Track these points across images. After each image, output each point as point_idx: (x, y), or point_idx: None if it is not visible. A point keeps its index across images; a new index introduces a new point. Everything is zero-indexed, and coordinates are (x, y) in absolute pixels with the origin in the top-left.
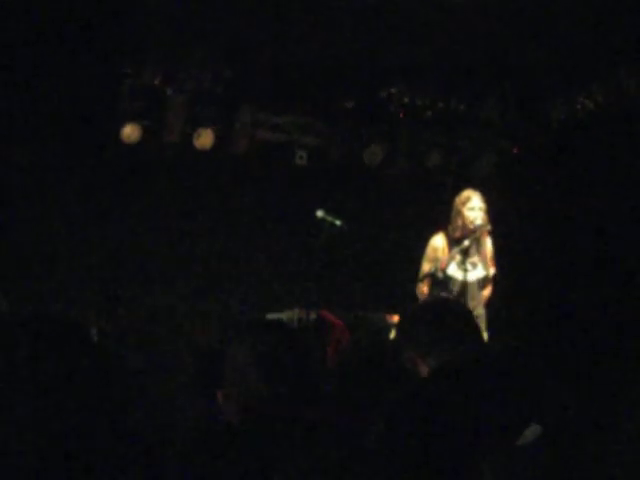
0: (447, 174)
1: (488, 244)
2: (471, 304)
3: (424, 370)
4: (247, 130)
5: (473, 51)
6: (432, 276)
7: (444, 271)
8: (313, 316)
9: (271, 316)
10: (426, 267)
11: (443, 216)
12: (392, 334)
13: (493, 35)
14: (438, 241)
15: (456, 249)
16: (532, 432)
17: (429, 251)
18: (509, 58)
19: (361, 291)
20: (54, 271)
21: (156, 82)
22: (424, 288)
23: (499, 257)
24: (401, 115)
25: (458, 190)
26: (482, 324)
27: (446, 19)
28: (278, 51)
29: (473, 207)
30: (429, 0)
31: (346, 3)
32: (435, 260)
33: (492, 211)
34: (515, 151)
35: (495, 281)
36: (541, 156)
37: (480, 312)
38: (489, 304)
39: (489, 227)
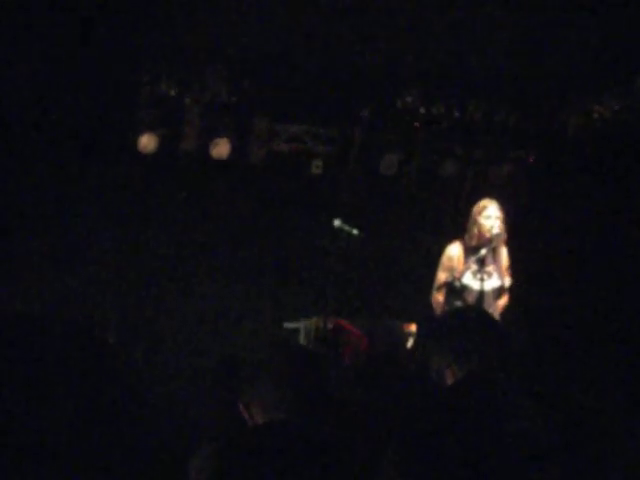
0: (463, 183)
1: (504, 254)
2: None
3: (450, 380)
4: (263, 140)
5: (489, 60)
6: (448, 285)
7: (460, 280)
8: (330, 325)
9: (289, 325)
10: (442, 276)
11: (459, 225)
12: (409, 343)
13: (509, 43)
14: (454, 250)
15: (472, 258)
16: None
17: (445, 260)
18: (525, 67)
19: (377, 300)
20: (70, 276)
21: (173, 92)
22: (440, 297)
23: (515, 267)
24: (417, 124)
25: (473, 199)
26: None
27: (462, 28)
28: (294, 61)
29: (489, 216)
30: (445, 10)
31: (362, 14)
32: (451, 269)
33: (508, 220)
34: (531, 160)
35: (511, 291)
36: (557, 165)
37: None
38: (504, 314)
39: (505, 236)
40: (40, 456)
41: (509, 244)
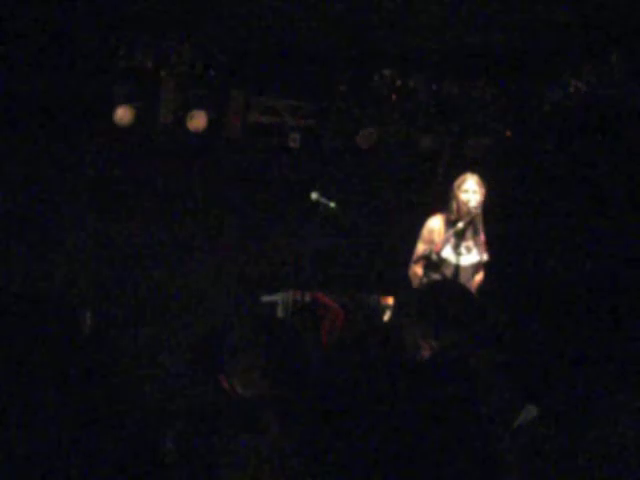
0: (440, 156)
1: (483, 229)
2: None
3: (426, 353)
4: (239, 113)
5: (466, 34)
6: (426, 258)
7: (438, 253)
8: (308, 298)
9: (266, 298)
10: (421, 248)
11: (437, 199)
12: (386, 315)
13: (486, 17)
14: (434, 223)
15: (451, 231)
16: (528, 413)
17: (425, 232)
18: (502, 41)
19: (355, 273)
20: (49, 254)
21: (149, 64)
22: (418, 269)
23: (491, 242)
24: (393, 97)
25: (451, 173)
26: None
27: (439, 2)
28: (270, 34)
29: (467, 189)
30: None
31: None
32: (430, 242)
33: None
34: (508, 134)
35: (487, 267)
36: (534, 139)
37: None
38: (480, 289)
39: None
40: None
41: (486, 219)
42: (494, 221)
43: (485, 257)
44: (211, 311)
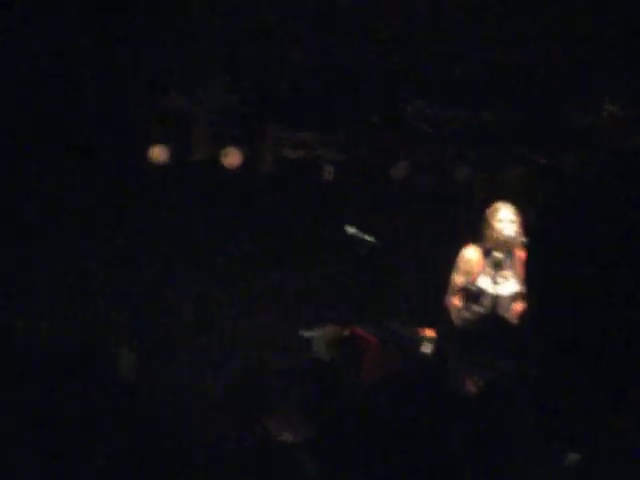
0: (474, 186)
1: (521, 258)
2: None
3: (472, 388)
4: (272, 148)
5: (498, 61)
6: (464, 289)
7: (476, 284)
8: (346, 333)
9: (304, 333)
10: (457, 279)
11: (472, 229)
12: (425, 348)
13: (518, 46)
14: (470, 253)
15: (488, 261)
16: (571, 460)
17: (461, 263)
18: (535, 68)
19: (392, 305)
20: (82, 289)
21: (182, 103)
22: (456, 301)
23: (530, 271)
24: (425, 128)
25: (485, 202)
26: None
27: (469, 31)
28: (301, 68)
29: (502, 219)
30: (452, 14)
31: (370, 20)
32: (467, 272)
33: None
34: (542, 162)
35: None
36: (569, 166)
37: None
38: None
39: (522, 240)
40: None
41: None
42: (532, 250)
43: (524, 288)
44: (248, 347)
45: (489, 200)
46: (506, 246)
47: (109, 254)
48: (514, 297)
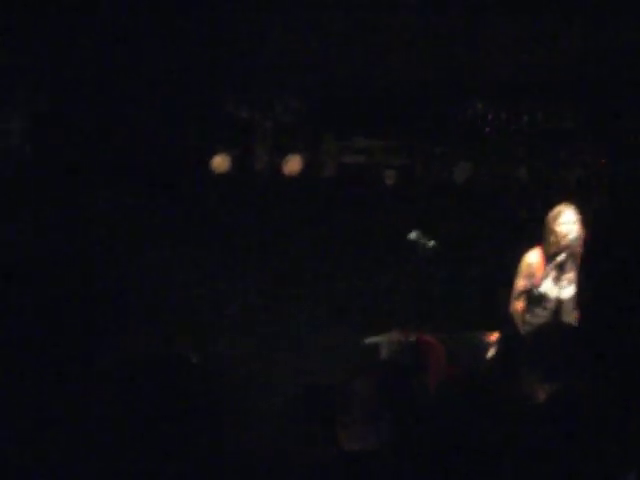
0: (535, 188)
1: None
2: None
3: (542, 396)
4: (333, 154)
5: (555, 64)
6: (527, 293)
7: (539, 288)
8: (412, 338)
9: (370, 340)
10: (520, 284)
11: (534, 232)
12: (490, 352)
13: (576, 46)
14: (533, 257)
15: (551, 265)
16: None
17: (523, 267)
18: (594, 69)
19: (456, 310)
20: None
21: (243, 111)
22: (519, 305)
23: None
24: (487, 130)
25: (547, 205)
26: None
27: (527, 35)
28: (361, 75)
29: (565, 222)
30: (510, 17)
31: (426, 26)
32: (530, 276)
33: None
34: (602, 164)
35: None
36: (630, 169)
37: None
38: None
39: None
40: None
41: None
42: (592, 254)
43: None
44: (313, 355)
45: (548, 202)
46: (569, 249)
47: (179, 263)
48: (576, 300)
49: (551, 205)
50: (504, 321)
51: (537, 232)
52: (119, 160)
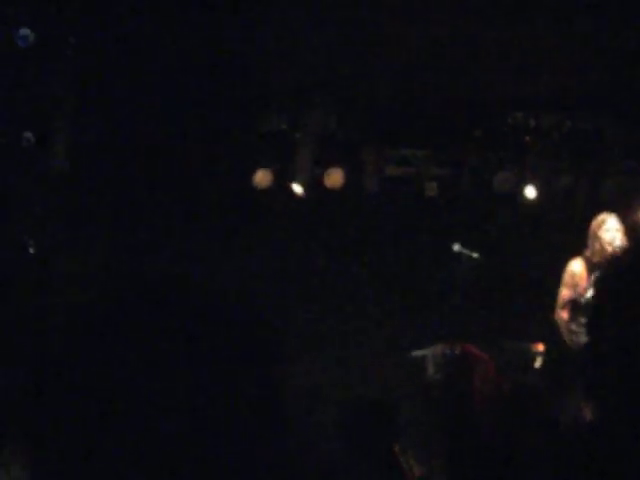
0: (576, 197)
1: None
2: None
3: (589, 416)
4: (375, 166)
5: (596, 71)
6: (572, 302)
7: (584, 297)
8: (457, 351)
9: (416, 353)
10: (565, 293)
11: (577, 241)
12: (537, 363)
13: (616, 54)
14: (576, 266)
15: (595, 273)
16: None
17: (567, 277)
18: (632, 75)
19: (502, 321)
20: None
21: (284, 126)
22: (564, 315)
23: None
24: (527, 139)
25: (588, 213)
26: None
27: (566, 43)
28: (401, 85)
29: (609, 229)
30: (549, 25)
31: (464, 36)
32: (574, 285)
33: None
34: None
35: None
36: None
37: None
38: None
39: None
40: None
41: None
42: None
43: None
44: (360, 370)
45: (591, 211)
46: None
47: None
48: None
49: (591, 214)
50: (550, 331)
51: (581, 241)
52: (165, 176)
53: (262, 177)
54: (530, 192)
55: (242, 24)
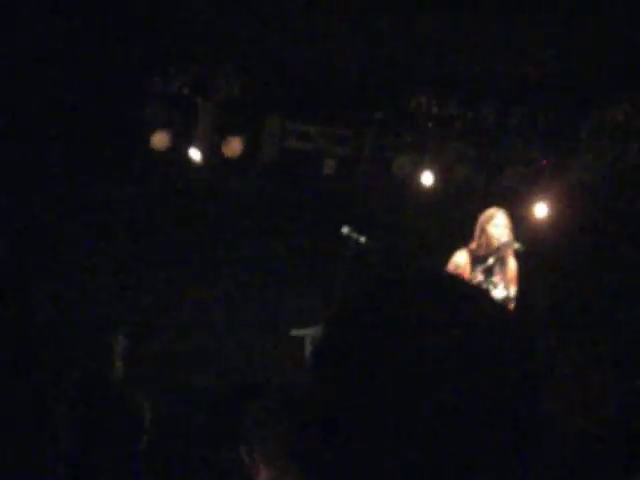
0: (476, 186)
1: (512, 263)
2: None
3: None
4: (275, 139)
5: (502, 60)
6: None
7: None
8: None
9: (295, 332)
10: None
11: (467, 232)
12: None
13: (522, 43)
14: (460, 258)
15: (479, 268)
16: None
17: (450, 267)
18: (538, 67)
19: None
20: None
21: (185, 91)
22: None
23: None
24: (430, 125)
25: (487, 203)
26: None
27: (474, 29)
28: (307, 60)
29: (497, 224)
30: (457, 11)
31: (374, 15)
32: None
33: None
34: (545, 163)
35: (516, 300)
36: (571, 167)
37: None
38: None
39: (516, 245)
40: None
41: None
42: (533, 252)
43: (513, 291)
44: (238, 346)
45: (490, 200)
46: (499, 252)
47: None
48: (503, 302)
49: (487, 205)
50: None
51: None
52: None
53: (160, 139)
54: (427, 178)
55: None
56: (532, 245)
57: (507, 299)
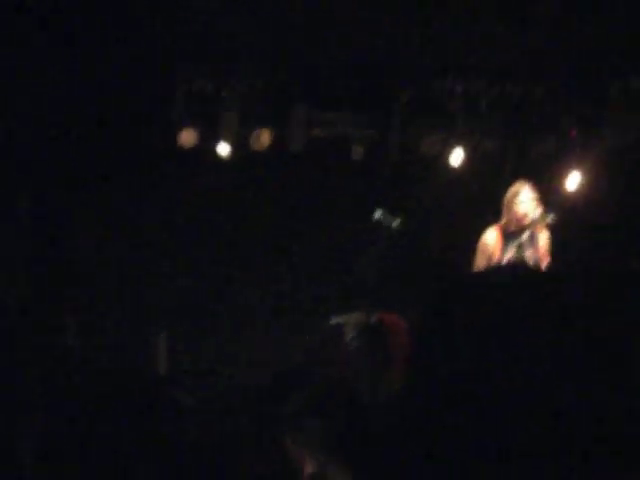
0: (505, 161)
1: (542, 238)
2: None
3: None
4: (302, 128)
5: (527, 36)
6: None
7: None
8: (374, 318)
9: (334, 320)
10: (480, 263)
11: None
12: None
13: (545, 18)
14: (490, 236)
15: (510, 244)
16: None
17: (481, 246)
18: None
19: (421, 291)
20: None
21: (209, 86)
22: None
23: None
24: (456, 104)
25: (516, 178)
26: None
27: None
28: (329, 47)
29: (523, 200)
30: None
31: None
32: (488, 255)
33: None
34: (573, 134)
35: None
36: (600, 138)
37: None
38: None
39: (548, 219)
40: None
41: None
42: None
43: (544, 266)
44: (276, 335)
45: (518, 177)
46: (528, 227)
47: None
48: None
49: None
50: None
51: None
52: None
53: (187, 136)
54: (457, 156)
55: None
56: (566, 215)
57: None
